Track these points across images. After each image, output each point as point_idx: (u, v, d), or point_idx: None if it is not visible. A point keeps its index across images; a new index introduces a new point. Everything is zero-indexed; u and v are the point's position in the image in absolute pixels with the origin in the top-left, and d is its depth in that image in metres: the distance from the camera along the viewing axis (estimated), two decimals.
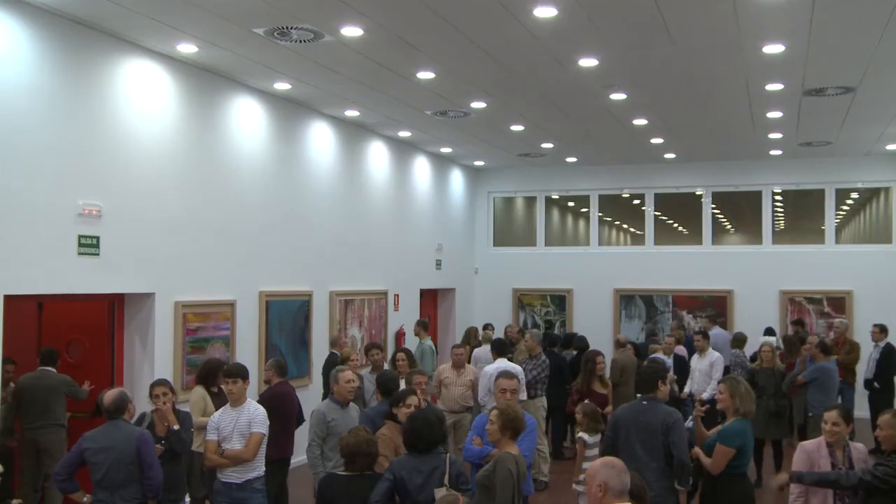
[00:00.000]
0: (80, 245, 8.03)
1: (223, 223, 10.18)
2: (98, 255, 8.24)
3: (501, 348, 10.45)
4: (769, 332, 14.28)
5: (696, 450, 6.32)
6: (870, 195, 16.99)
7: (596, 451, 7.48)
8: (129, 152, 8.71)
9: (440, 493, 5.24)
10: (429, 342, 13.02)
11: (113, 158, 8.51)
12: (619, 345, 12.37)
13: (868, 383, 12.70)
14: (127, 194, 8.66)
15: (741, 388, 6.40)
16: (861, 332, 14.06)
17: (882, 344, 12.74)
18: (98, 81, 8.33)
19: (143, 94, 8.89)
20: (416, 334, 13.41)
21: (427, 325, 13.71)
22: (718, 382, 6.95)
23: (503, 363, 9.92)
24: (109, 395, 6.21)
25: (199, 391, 8.11)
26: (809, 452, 5.65)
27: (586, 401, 8.43)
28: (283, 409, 8.03)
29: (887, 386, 12.48)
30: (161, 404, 6.85)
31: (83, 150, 8.14)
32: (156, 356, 9.09)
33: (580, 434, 7.62)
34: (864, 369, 13.01)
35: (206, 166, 9.93)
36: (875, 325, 13.06)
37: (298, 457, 8.99)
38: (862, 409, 12.67)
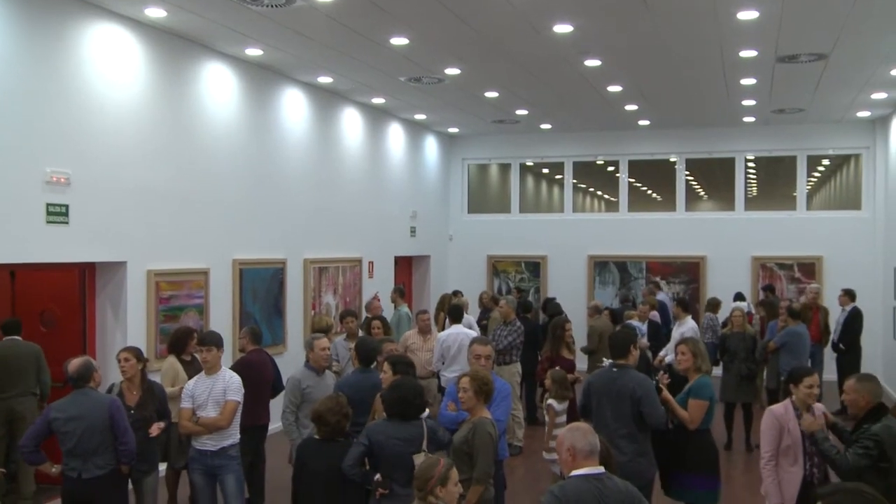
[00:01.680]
0: (49, 213, 7.92)
1: (195, 191, 10.09)
2: (67, 223, 8.14)
3: (457, 315, 10.54)
4: (740, 297, 14.47)
5: (674, 404, 6.43)
6: (840, 162, 17.16)
7: (564, 417, 7.55)
8: (97, 120, 8.58)
9: (419, 458, 5.27)
10: (405, 309, 13.04)
11: (80, 126, 8.38)
12: (595, 311, 12.45)
13: (835, 346, 12.94)
14: (96, 162, 8.54)
15: (701, 348, 6.80)
16: (831, 297, 14.27)
17: (849, 308, 12.97)
18: (64, 47, 8.17)
19: (111, 59, 8.74)
20: (393, 301, 13.43)
21: (403, 291, 13.72)
22: (677, 344, 7.08)
23: (458, 329, 10.00)
24: (74, 364, 6.15)
25: (170, 360, 8.07)
26: (778, 416, 5.75)
27: (557, 368, 8.49)
28: (256, 377, 8.02)
29: (852, 348, 12.72)
30: (121, 370, 6.75)
31: (49, 117, 8.00)
32: (128, 325, 9.04)
33: (549, 401, 7.69)
34: (831, 333, 13.23)
35: (177, 133, 9.81)
36: (842, 291, 13.28)
37: (275, 423, 9.01)
38: (830, 371, 12.94)
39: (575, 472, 4.08)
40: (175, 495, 8.41)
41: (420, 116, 15.77)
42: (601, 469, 4.10)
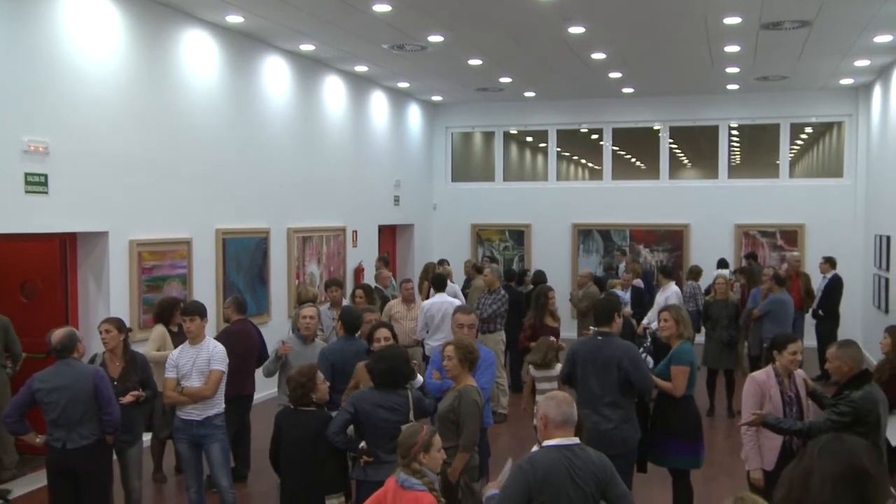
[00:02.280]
0: (27, 183, 7.83)
1: (177, 160, 9.99)
2: (47, 193, 8.06)
3: (441, 283, 10.55)
4: (722, 264, 14.55)
5: (655, 379, 6.48)
6: (823, 129, 17.21)
7: (551, 385, 7.54)
8: (75, 88, 8.46)
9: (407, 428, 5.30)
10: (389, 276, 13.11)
11: (58, 95, 8.25)
12: (588, 279, 12.41)
13: (814, 313, 13.06)
14: (75, 131, 8.44)
15: (683, 314, 6.79)
16: (813, 265, 14.38)
17: (829, 276, 13.08)
18: (41, 13, 8.03)
19: (89, 27, 8.59)
20: (378, 269, 13.45)
21: (387, 260, 13.72)
22: (660, 311, 7.10)
23: (442, 298, 10.02)
24: (58, 334, 6.12)
25: (160, 329, 8.05)
26: (760, 383, 5.80)
27: (551, 338, 8.50)
28: (241, 347, 8.02)
29: (832, 315, 12.84)
30: (102, 341, 6.71)
31: (25, 85, 7.87)
32: (111, 295, 8.99)
33: (532, 372, 7.74)
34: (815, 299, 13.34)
35: (157, 102, 9.70)
36: (823, 258, 13.38)
37: (260, 393, 9.02)
38: (810, 337, 13.06)
39: (547, 443, 4.09)
40: (161, 465, 8.44)
41: (403, 84, 15.65)
42: (575, 440, 4.10)
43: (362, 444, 5.37)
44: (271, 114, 12.04)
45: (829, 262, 13.22)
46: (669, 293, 11.59)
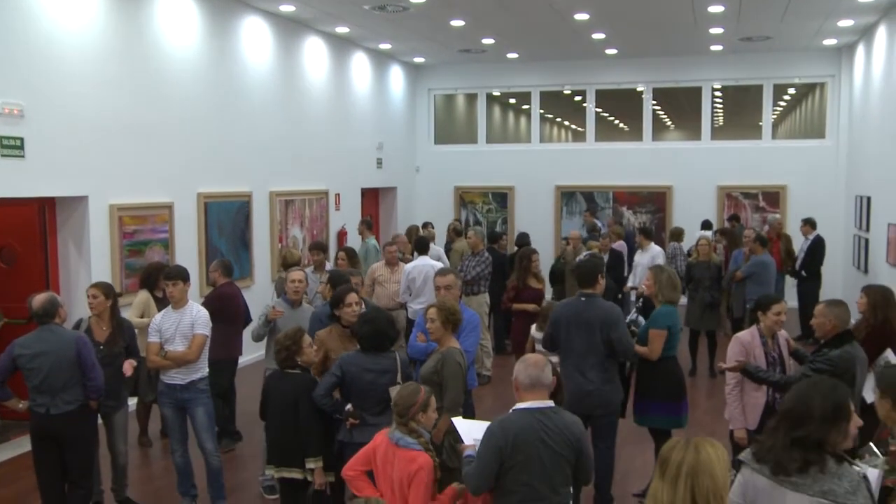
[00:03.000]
0: (2, 146, 7.71)
1: (156, 124, 9.87)
2: (23, 156, 7.94)
3: (423, 246, 10.53)
4: (706, 225, 14.60)
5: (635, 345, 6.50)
6: (806, 91, 17.20)
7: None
8: (50, 50, 8.30)
9: (395, 390, 5.30)
10: (373, 241, 13.00)
11: (33, 56, 8.09)
12: (578, 241, 12.39)
13: (797, 274, 13.15)
14: (51, 94, 8.29)
15: (663, 277, 6.75)
16: (795, 226, 14.46)
17: (811, 237, 13.15)
18: None
19: None
20: (360, 233, 13.38)
21: (371, 223, 13.65)
22: (649, 270, 7.13)
23: (424, 261, 10.02)
24: (38, 300, 6.05)
25: (144, 295, 8.01)
26: (745, 343, 5.84)
27: (552, 299, 8.50)
28: (230, 310, 8.03)
29: (813, 276, 12.93)
30: (90, 306, 6.67)
31: None
32: (92, 260, 8.91)
33: (533, 333, 7.77)
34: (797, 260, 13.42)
35: (135, 64, 9.54)
36: (803, 221, 13.44)
37: (246, 357, 9.00)
38: (791, 298, 13.17)
39: (518, 406, 4.10)
40: (146, 429, 8.45)
41: (385, 46, 15.48)
42: (547, 402, 4.10)
43: (348, 406, 5.38)
44: (252, 76, 11.89)
45: (810, 224, 13.30)
46: (655, 254, 11.62)
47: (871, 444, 4.19)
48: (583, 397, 6.01)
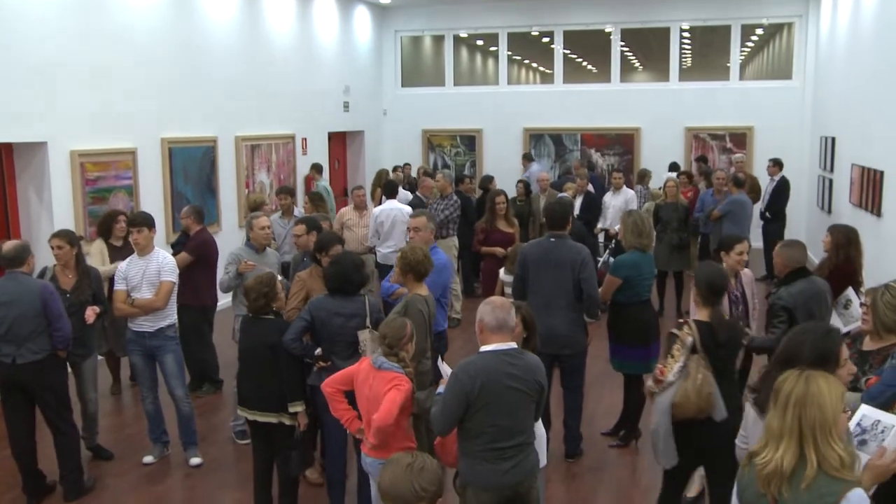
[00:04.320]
0: None
1: (117, 68, 9.64)
2: None
3: (392, 190, 10.49)
4: (674, 167, 14.65)
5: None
6: (774, 31, 17.17)
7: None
8: None
9: (363, 334, 5.31)
10: (322, 183, 13.12)
11: None
12: (548, 184, 12.38)
13: (762, 214, 13.27)
14: (5, 38, 8.06)
15: (628, 222, 6.79)
16: (760, 167, 14.56)
17: (777, 178, 13.26)
18: None
19: None
20: (311, 178, 13.55)
21: (321, 167, 13.76)
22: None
23: (392, 205, 9.99)
24: (10, 245, 5.94)
25: (98, 244, 7.90)
26: None
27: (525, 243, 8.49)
28: (211, 257, 7.99)
29: (778, 217, 13.07)
30: (55, 257, 6.56)
31: None
32: (54, 208, 8.77)
33: (502, 276, 7.79)
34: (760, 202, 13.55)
35: (94, 6, 9.27)
36: (770, 160, 13.53)
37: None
38: (756, 238, 13.32)
39: (483, 348, 4.13)
40: (119, 377, 8.42)
41: None
42: (511, 344, 4.12)
43: (318, 350, 5.39)
44: (215, 18, 11.61)
45: (777, 165, 13.39)
46: (629, 197, 11.64)
47: None
48: (551, 338, 6.05)
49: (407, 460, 2.85)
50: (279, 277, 5.72)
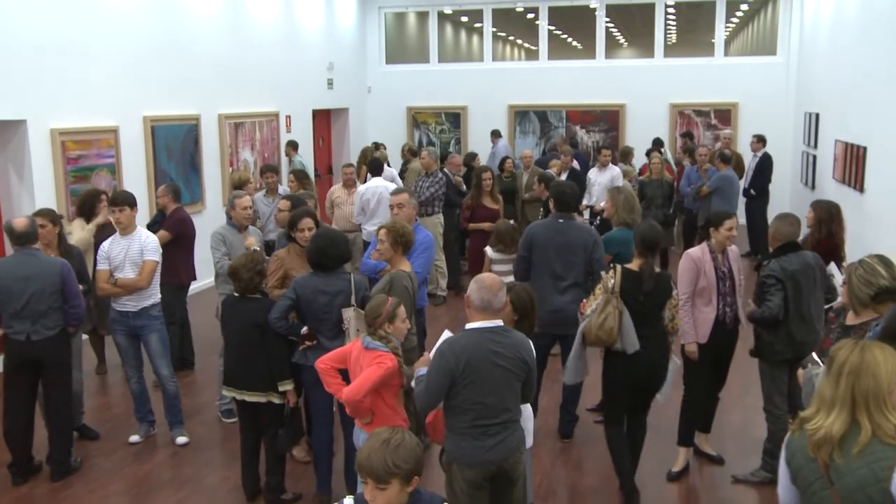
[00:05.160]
0: None
1: (96, 45, 9.52)
2: None
3: (377, 168, 10.46)
4: (657, 143, 14.64)
5: None
6: (758, 7, 17.15)
7: (507, 267, 7.49)
8: None
9: (348, 312, 5.30)
10: (299, 159, 13.12)
11: None
12: (531, 161, 12.35)
13: (745, 191, 13.31)
14: None
15: (620, 199, 6.87)
16: (745, 143, 14.58)
17: (760, 154, 13.28)
18: None
19: None
20: (287, 154, 13.53)
21: (296, 144, 13.72)
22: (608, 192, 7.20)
23: (378, 182, 9.98)
24: (20, 221, 5.92)
25: (77, 224, 7.83)
26: (695, 259, 5.91)
27: (507, 220, 8.47)
28: (189, 235, 7.96)
29: (762, 193, 13.11)
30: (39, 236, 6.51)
31: None
32: (35, 187, 8.68)
33: (488, 252, 7.77)
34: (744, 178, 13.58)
35: None
36: (754, 136, 13.54)
37: (198, 282, 8.91)
38: (739, 214, 13.36)
39: (468, 326, 4.13)
40: (104, 357, 8.38)
41: None
42: (497, 322, 4.12)
43: (304, 328, 5.37)
44: None
45: (761, 141, 13.40)
46: (615, 175, 11.65)
47: (814, 353, 4.33)
48: (560, 317, 6.13)
49: (385, 435, 2.85)
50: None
